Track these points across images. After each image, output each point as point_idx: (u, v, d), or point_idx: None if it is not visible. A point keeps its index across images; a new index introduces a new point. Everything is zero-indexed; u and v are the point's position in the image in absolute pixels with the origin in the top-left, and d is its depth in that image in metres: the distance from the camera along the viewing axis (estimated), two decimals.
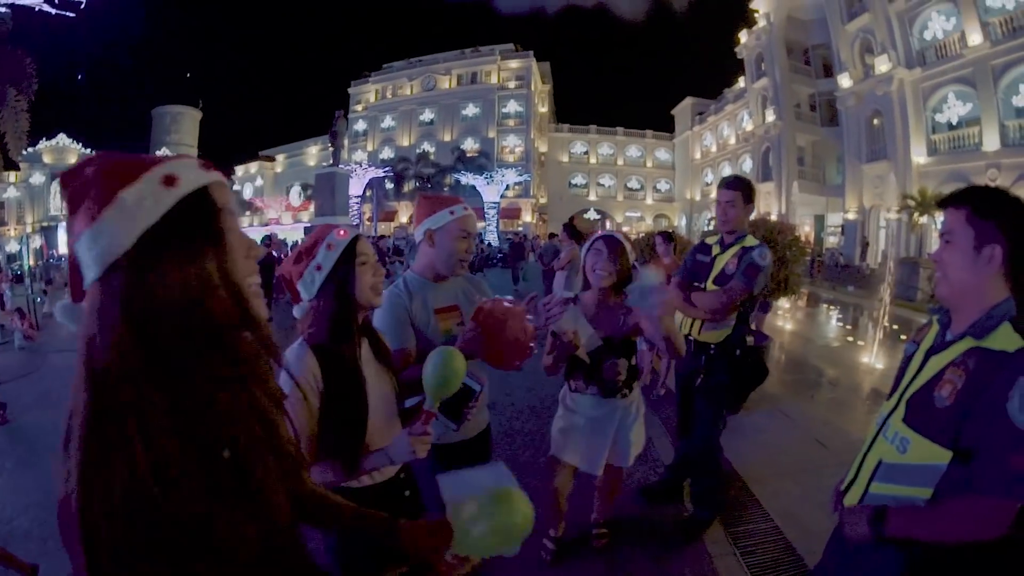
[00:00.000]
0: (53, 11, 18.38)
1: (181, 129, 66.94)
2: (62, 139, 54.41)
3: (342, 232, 1.82)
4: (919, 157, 25.25)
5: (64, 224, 0.89)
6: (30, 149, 47.38)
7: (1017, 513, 1.44)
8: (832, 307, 16.45)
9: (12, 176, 50.22)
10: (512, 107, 52.10)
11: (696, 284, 3.58)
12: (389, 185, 49.61)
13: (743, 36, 37.93)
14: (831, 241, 34.41)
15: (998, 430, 1.42)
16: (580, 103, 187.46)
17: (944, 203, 1.67)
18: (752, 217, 7.48)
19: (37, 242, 39.41)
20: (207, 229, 0.85)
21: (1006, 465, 1.41)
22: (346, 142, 42.39)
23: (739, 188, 3.49)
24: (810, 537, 3.36)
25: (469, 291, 2.57)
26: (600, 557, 3.43)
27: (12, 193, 50.32)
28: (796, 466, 4.50)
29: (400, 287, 2.38)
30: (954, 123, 24.27)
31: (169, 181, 0.82)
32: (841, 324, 13.47)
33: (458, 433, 2.35)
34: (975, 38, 22.05)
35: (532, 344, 2.24)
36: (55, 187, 53.37)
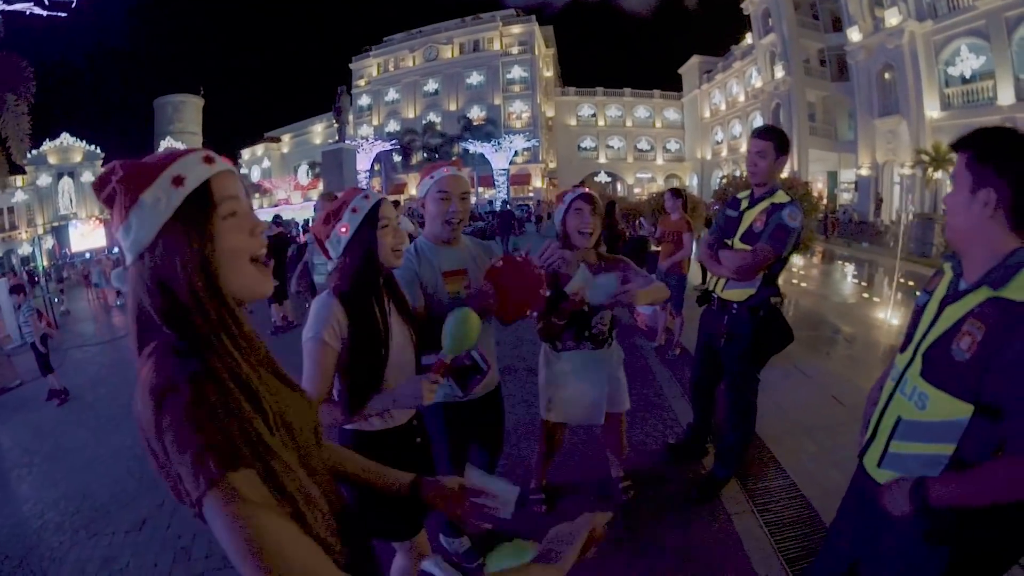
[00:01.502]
0: (44, 13, 18.36)
1: (184, 117, 66.74)
2: (66, 138, 54.20)
3: (367, 196, 1.91)
4: (932, 111, 24.78)
5: (72, 223, 1.01)
6: (35, 151, 47.55)
7: None
8: (847, 264, 16.34)
9: (19, 180, 50.24)
10: (517, 73, 51.52)
11: (726, 241, 3.45)
12: (397, 158, 49.54)
13: None
14: (844, 198, 33.96)
15: None
16: (585, 65, 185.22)
17: (954, 146, 1.63)
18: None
19: (49, 242, 39.69)
20: (201, 225, 0.99)
21: None
22: (351, 117, 42.25)
23: (771, 138, 3.24)
24: (827, 495, 3.39)
25: (479, 256, 2.63)
26: (620, 515, 3.44)
27: (20, 197, 50.25)
28: (813, 423, 4.53)
29: (411, 250, 2.46)
30: (967, 77, 23.72)
31: (178, 181, 0.97)
32: (856, 281, 13.38)
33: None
34: None
35: (543, 291, 2.35)
36: (63, 186, 53.60)
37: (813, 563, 2.61)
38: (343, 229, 1.86)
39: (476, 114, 50.64)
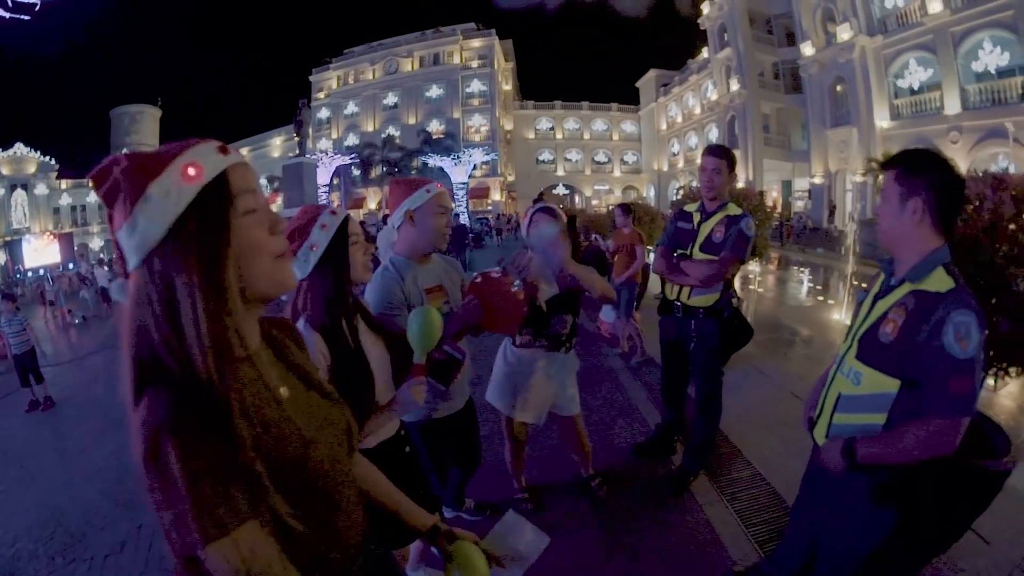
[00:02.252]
0: (7, 15, 17.84)
1: (142, 129, 64.53)
2: (20, 148, 52.73)
3: (334, 212, 1.88)
4: (882, 121, 25.82)
5: (26, 237, 0.95)
6: None
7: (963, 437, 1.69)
8: (802, 269, 16.85)
9: None
10: (476, 86, 51.75)
11: (681, 251, 3.66)
12: (356, 172, 49.13)
13: (705, 7, 38.04)
14: (799, 205, 34.97)
15: (937, 360, 1.66)
16: (544, 79, 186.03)
17: (883, 165, 1.94)
18: None
19: (1, 258, 37.95)
20: (218, 220, 0.90)
21: (946, 389, 1.67)
22: (310, 131, 41.79)
23: (725, 156, 3.54)
24: (790, 482, 3.50)
25: (450, 272, 2.71)
26: (595, 512, 3.58)
27: None
28: (774, 419, 4.68)
29: (391, 268, 2.45)
30: (916, 88, 24.79)
31: (190, 172, 0.87)
32: (812, 285, 13.82)
33: (445, 407, 2.60)
34: (935, 6, 22.51)
35: (525, 309, 2.40)
36: (16, 199, 51.66)
37: (780, 542, 2.77)
38: (312, 247, 1.80)
39: (435, 128, 50.48)
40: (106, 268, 18.66)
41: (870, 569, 2.05)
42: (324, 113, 55.87)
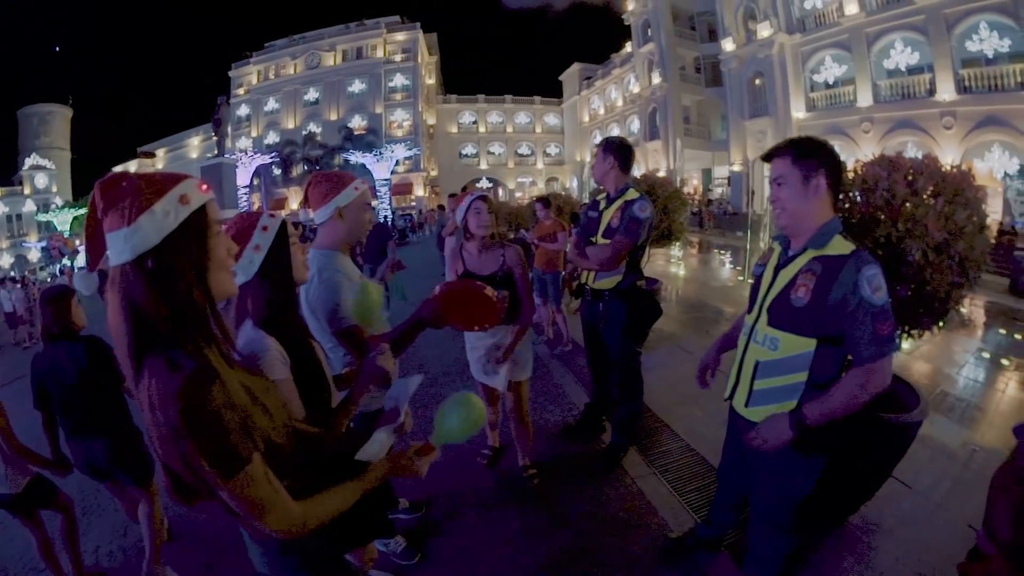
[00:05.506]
0: None
1: (52, 131, 59.58)
2: None
3: (272, 214, 1.89)
4: (798, 113, 27.13)
5: None
6: None
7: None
8: (723, 252, 17.49)
9: None
10: (399, 80, 50.84)
11: (590, 239, 3.83)
12: (277, 171, 47.61)
13: (630, 3, 38.70)
14: (718, 192, 36.23)
15: (860, 312, 1.84)
16: (468, 73, 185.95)
17: (769, 155, 2.12)
18: (642, 173, 7.89)
19: None
20: (202, 237, 1.20)
21: (876, 333, 1.84)
22: (229, 129, 40.32)
23: (607, 148, 3.76)
24: (717, 449, 3.64)
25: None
26: (534, 493, 3.68)
27: None
28: (698, 392, 4.75)
29: (333, 268, 2.42)
30: (831, 83, 26.10)
31: (184, 200, 1.17)
32: (733, 266, 14.36)
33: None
34: (851, 8, 23.83)
35: (502, 305, 2.39)
36: None
37: (712, 505, 2.94)
38: (256, 248, 1.79)
39: (357, 123, 49.32)
40: (19, 287, 15.71)
41: (801, 515, 2.19)
42: (244, 110, 53.71)
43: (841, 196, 2.66)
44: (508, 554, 3.08)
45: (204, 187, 1.25)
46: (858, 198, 2.82)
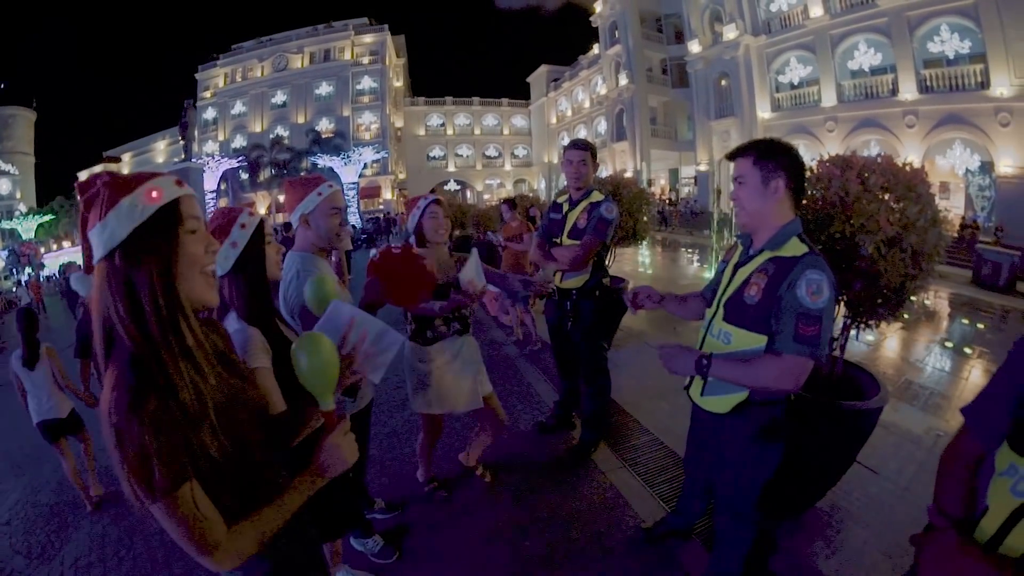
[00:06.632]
0: None
1: (15, 135, 57.33)
2: None
3: (251, 212, 1.92)
4: (764, 113, 27.73)
5: None
6: None
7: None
8: (691, 250, 17.75)
9: None
10: (367, 83, 50.62)
11: (554, 240, 3.88)
12: (244, 176, 46.96)
13: (598, 5, 39.10)
14: (685, 191, 36.78)
15: (789, 308, 1.92)
16: (436, 75, 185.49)
17: (733, 155, 2.17)
18: (608, 174, 7.98)
19: None
20: (169, 233, 1.18)
21: (796, 331, 1.90)
22: (196, 133, 39.64)
23: (588, 148, 3.76)
24: (684, 441, 3.81)
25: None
26: (507, 490, 3.72)
27: None
28: (665, 388, 5.00)
29: (308, 269, 2.43)
30: (796, 83, 26.76)
31: (153, 194, 1.16)
32: (700, 264, 14.60)
33: (352, 406, 2.66)
34: (816, 10, 24.48)
35: (436, 279, 2.45)
36: None
37: (681, 495, 3.04)
38: (233, 244, 1.82)
39: (325, 126, 48.88)
40: None
41: (766, 499, 2.28)
42: (210, 113, 52.95)
43: None
44: (486, 550, 3.13)
45: (180, 182, 1.25)
46: (815, 195, 2.92)
